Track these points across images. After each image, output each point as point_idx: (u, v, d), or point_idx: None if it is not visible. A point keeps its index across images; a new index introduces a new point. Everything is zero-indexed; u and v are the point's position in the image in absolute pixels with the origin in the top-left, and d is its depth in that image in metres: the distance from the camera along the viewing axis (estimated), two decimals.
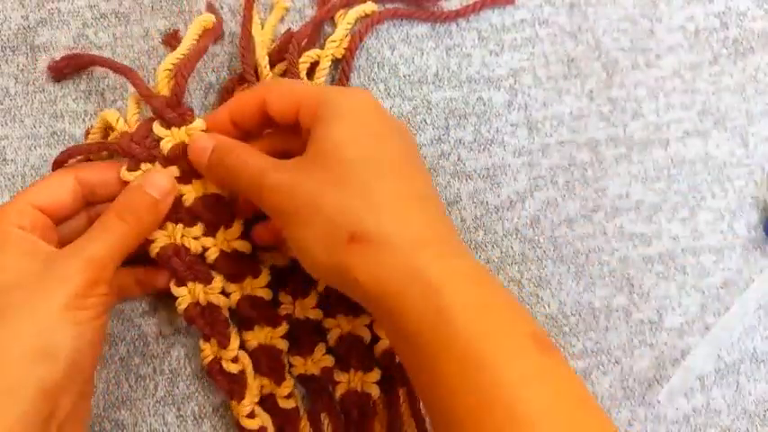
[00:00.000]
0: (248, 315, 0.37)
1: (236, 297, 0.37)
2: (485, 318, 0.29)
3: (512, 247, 0.41)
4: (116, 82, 0.41)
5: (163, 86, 0.37)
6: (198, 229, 0.36)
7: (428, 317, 0.28)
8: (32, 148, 0.41)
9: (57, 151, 0.40)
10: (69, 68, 0.41)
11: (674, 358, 0.40)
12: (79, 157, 0.38)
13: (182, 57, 0.38)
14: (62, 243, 0.33)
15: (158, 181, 0.35)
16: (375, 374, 0.37)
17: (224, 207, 0.37)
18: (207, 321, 0.36)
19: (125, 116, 0.38)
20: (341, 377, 0.37)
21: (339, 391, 0.37)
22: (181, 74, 0.37)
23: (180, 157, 0.36)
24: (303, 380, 0.38)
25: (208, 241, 0.37)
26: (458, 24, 0.43)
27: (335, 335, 0.37)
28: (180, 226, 0.36)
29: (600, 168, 0.42)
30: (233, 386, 0.37)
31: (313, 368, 0.37)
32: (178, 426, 0.38)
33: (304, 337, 0.37)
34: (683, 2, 0.43)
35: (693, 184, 0.42)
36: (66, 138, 0.41)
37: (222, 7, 0.43)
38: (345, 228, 0.30)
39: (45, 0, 0.43)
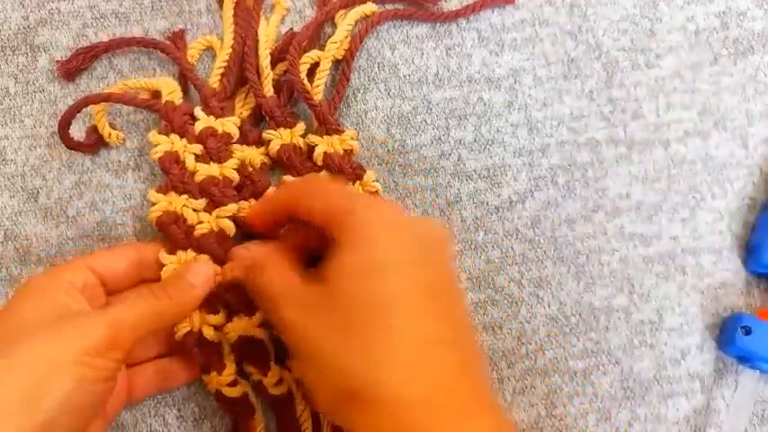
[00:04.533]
0: (228, 300, 0.36)
1: (217, 279, 0.37)
2: None
3: (512, 248, 0.41)
4: (116, 82, 0.41)
5: (214, 81, 0.40)
6: (200, 203, 0.38)
7: None
8: (32, 148, 0.41)
9: (56, 151, 0.41)
10: (88, 58, 0.41)
11: (674, 358, 0.40)
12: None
13: (228, 55, 0.41)
14: None
15: (200, 270, 0.35)
16: None
17: (227, 188, 0.38)
18: None
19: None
20: None
21: None
22: (231, 73, 0.40)
23: (205, 139, 0.38)
24: (301, 382, 0.38)
25: (204, 216, 0.38)
26: (458, 24, 0.43)
27: None
28: (184, 197, 0.37)
29: (600, 168, 0.42)
30: (211, 358, 0.36)
31: None
32: (178, 426, 0.38)
33: None
34: (683, 2, 0.43)
35: (693, 184, 0.42)
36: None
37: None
38: (346, 384, 0.28)
39: (45, 0, 0.43)
